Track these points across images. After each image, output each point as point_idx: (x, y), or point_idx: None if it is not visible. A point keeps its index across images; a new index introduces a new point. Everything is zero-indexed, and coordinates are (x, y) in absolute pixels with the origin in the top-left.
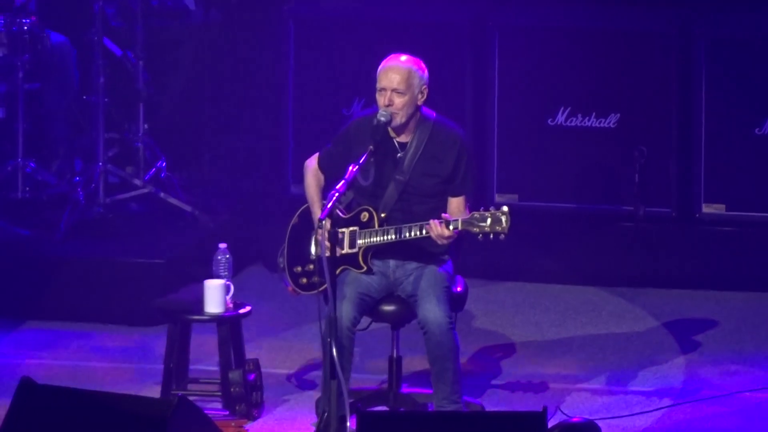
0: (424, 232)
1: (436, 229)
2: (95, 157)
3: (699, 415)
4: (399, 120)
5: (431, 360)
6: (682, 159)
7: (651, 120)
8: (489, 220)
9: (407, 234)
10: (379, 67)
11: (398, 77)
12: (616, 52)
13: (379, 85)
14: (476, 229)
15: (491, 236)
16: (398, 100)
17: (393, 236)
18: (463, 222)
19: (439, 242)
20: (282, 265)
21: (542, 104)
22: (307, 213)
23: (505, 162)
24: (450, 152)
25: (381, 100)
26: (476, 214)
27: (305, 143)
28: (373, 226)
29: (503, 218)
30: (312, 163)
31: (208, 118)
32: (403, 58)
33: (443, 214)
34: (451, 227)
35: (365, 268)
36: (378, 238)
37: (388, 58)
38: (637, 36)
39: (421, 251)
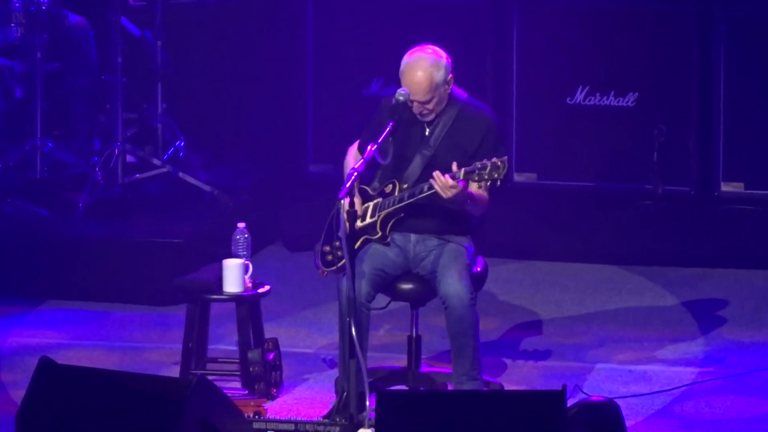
0: (431, 188)
1: (440, 179)
2: (114, 137)
3: (719, 394)
4: (430, 118)
5: (451, 335)
6: (701, 137)
7: (670, 99)
8: (489, 168)
9: (417, 193)
10: (403, 67)
11: (422, 92)
12: (635, 30)
13: (404, 85)
14: (476, 177)
15: (489, 183)
16: (428, 106)
17: (407, 199)
18: (466, 171)
19: (445, 195)
20: (317, 249)
21: (561, 83)
22: None
23: (523, 141)
24: (478, 130)
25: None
26: (478, 164)
27: (324, 123)
28: (394, 195)
29: (500, 164)
30: (353, 147)
31: (227, 98)
32: (424, 61)
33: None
34: (454, 178)
35: (380, 233)
36: (394, 204)
37: (411, 57)
38: (656, 14)
39: (444, 226)
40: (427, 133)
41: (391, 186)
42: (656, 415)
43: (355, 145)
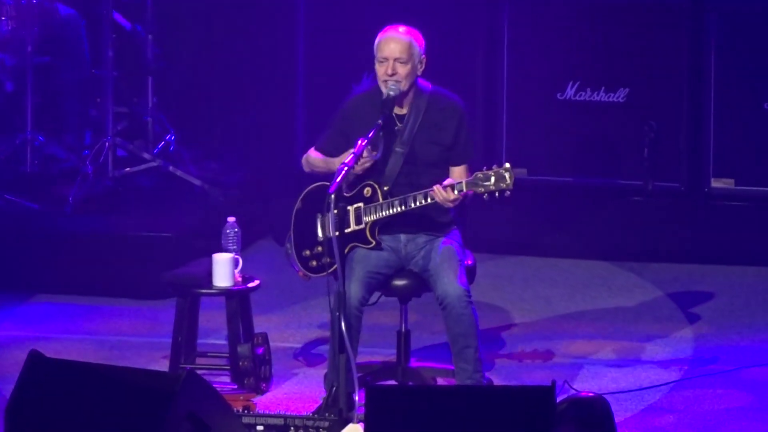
0: (429, 199)
1: (441, 193)
2: (104, 130)
3: (708, 390)
4: (403, 88)
5: (452, 338)
6: (692, 133)
7: (660, 94)
8: (493, 179)
9: (412, 203)
10: (378, 38)
11: (400, 47)
12: (626, 25)
13: (380, 55)
14: (481, 189)
15: (497, 194)
16: (401, 70)
17: (398, 208)
18: (468, 183)
19: (446, 206)
20: (290, 251)
21: (552, 78)
22: (310, 197)
23: (514, 136)
24: (450, 120)
25: (382, 69)
26: (479, 174)
27: (315, 117)
28: (378, 200)
29: (507, 174)
30: (312, 151)
31: (218, 92)
32: (402, 29)
33: (446, 179)
34: (456, 190)
35: (373, 242)
36: (384, 212)
37: (386, 29)
38: (647, 9)
39: (430, 223)
40: (398, 128)
41: (370, 189)
42: (645, 410)
43: (311, 150)
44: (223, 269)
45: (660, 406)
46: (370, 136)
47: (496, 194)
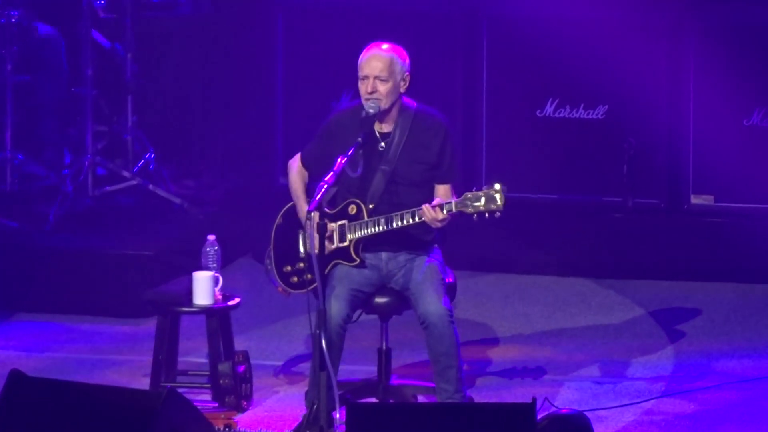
0: (417, 218)
1: (430, 213)
2: (84, 149)
3: (688, 406)
4: (383, 106)
5: (434, 358)
6: (671, 150)
7: (639, 111)
8: (483, 199)
9: (399, 222)
10: (361, 56)
11: (380, 64)
12: (605, 42)
13: (361, 74)
14: (470, 210)
15: (486, 215)
16: (382, 87)
17: (383, 226)
18: (457, 204)
19: (433, 226)
20: (269, 267)
21: (531, 95)
22: (291, 212)
23: (493, 153)
24: (435, 138)
25: (363, 88)
26: (469, 195)
27: (294, 135)
28: (363, 218)
29: (497, 196)
30: (296, 162)
31: (197, 110)
32: (384, 46)
33: (435, 199)
34: (444, 210)
35: (357, 260)
36: (369, 230)
37: (369, 46)
38: (625, 26)
39: (412, 241)
40: (382, 148)
41: (354, 207)
42: (626, 427)
43: (297, 159)
44: (204, 287)
45: (640, 423)
46: (349, 153)
47: (486, 215)
